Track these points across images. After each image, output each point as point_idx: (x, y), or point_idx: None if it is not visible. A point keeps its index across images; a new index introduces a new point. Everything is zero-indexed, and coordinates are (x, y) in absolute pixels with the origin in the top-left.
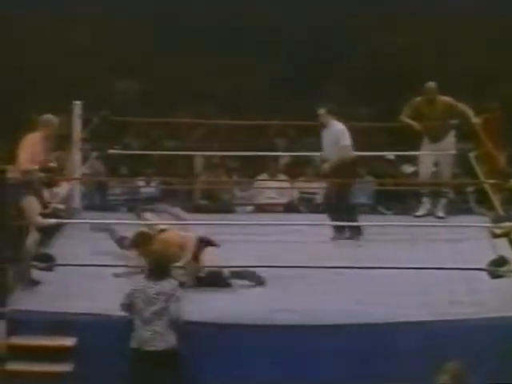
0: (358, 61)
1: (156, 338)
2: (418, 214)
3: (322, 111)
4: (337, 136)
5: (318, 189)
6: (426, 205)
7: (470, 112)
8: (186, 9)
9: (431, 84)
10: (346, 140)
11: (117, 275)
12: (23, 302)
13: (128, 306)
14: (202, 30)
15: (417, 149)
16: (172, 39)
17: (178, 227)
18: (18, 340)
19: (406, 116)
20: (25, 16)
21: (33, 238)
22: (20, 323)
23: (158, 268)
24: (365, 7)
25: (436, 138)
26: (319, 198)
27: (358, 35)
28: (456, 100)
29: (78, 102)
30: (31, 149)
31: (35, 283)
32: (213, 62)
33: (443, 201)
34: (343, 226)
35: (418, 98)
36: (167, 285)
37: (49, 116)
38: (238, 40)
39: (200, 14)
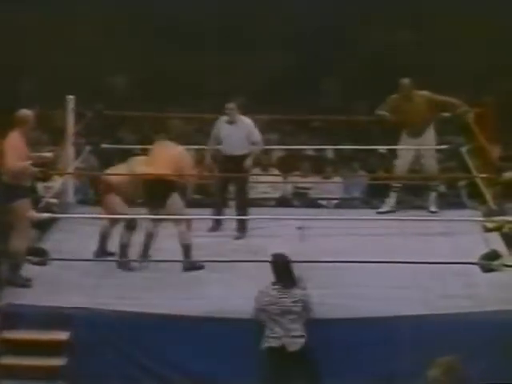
0: (358, 56)
1: (294, 340)
2: (381, 210)
3: (231, 105)
4: (248, 131)
5: (308, 183)
6: (392, 199)
7: (453, 100)
8: (185, 8)
9: (405, 80)
10: (258, 135)
11: None
12: (17, 296)
13: (260, 311)
14: (201, 28)
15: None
16: (170, 36)
17: None
18: (12, 334)
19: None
20: (25, 16)
21: (20, 237)
22: (14, 317)
23: (285, 277)
24: (365, 3)
25: (416, 134)
26: (313, 193)
27: (358, 31)
28: (454, 96)
29: (71, 97)
30: (15, 148)
31: (26, 281)
32: (211, 60)
33: (433, 195)
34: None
35: (394, 96)
36: (298, 292)
37: (24, 111)
38: (238, 38)
39: (198, 12)
